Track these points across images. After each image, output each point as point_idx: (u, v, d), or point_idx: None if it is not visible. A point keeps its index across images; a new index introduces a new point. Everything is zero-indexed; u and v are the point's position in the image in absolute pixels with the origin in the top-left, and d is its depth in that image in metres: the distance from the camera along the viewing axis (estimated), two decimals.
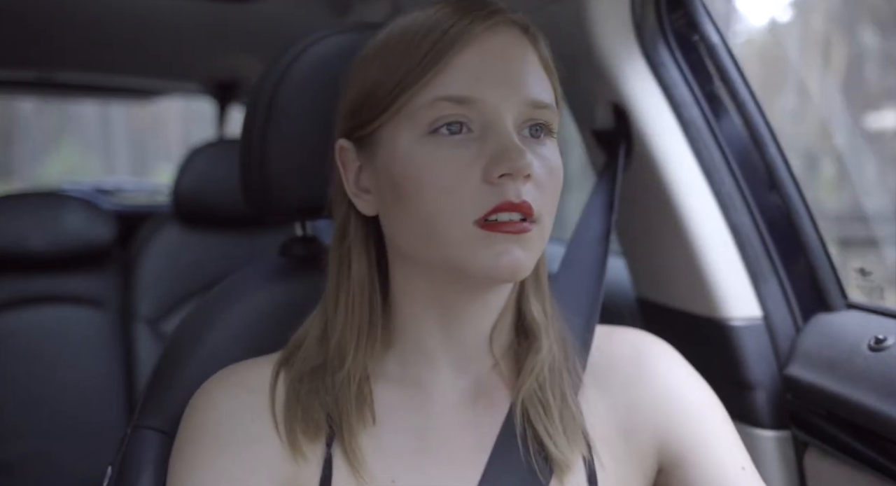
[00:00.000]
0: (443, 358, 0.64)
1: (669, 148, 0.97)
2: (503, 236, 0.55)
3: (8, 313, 1.78)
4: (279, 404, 0.62)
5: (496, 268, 0.56)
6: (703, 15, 0.98)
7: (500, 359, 0.66)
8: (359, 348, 0.62)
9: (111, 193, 3.31)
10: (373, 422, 0.62)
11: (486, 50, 0.57)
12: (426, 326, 0.63)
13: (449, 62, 0.56)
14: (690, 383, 0.69)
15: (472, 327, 0.64)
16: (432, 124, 0.56)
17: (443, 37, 0.56)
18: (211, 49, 2.18)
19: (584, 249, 0.85)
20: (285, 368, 0.64)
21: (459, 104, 0.56)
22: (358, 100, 0.60)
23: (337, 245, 0.64)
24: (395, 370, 0.65)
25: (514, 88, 0.57)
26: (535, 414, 0.63)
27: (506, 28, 0.59)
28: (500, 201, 0.55)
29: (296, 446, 0.60)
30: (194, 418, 0.62)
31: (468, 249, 0.56)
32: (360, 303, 0.62)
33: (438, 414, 0.64)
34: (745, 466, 0.64)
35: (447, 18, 0.57)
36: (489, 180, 0.55)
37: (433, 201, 0.56)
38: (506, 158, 0.54)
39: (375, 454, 0.61)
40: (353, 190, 0.62)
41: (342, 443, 0.60)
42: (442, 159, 0.56)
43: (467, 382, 0.65)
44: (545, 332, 0.66)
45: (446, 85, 0.56)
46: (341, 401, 0.61)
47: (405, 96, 0.57)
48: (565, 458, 0.61)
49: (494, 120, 0.56)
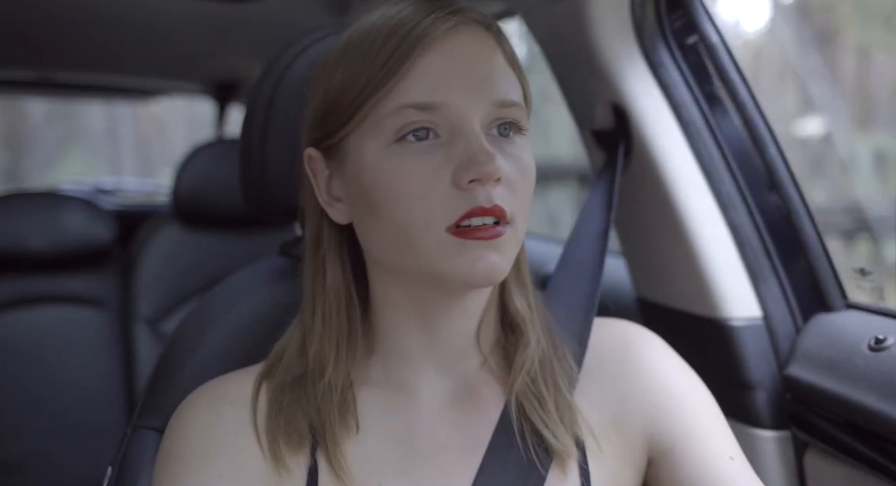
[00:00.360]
0: (426, 361, 0.64)
1: (669, 148, 0.97)
2: (477, 243, 0.55)
3: (8, 313, 1.78)
4: (261, 415, 0.61)
5: (472, 274, 0.55)
6: (702, 15, 0.98)
7: (488, 356, 0.66)
8: (339, 358, 0.61)
9: (111, 193, 3.31)
10: (356, 430, 0.61)
11: (448, 52, 0.56)
12: (408, 331, 0.63)
13: (411, 67, 0.55)
14: (679, 374, 0.68)
15: (454, 329, 0.63)
16: (398, 132, 0.55)
17: (404, 41, 0.55)
18: (211, 49, 2.17)
19: (583, 248, 0.85)
20: (267, 379, 0.63)
21: (425, 110, 0.55)
22: (322, 108, 0.59)
23: (311, 255, 0.63)
24: (378, 375, 0.64)
25: (480, 90, 0.56)
26: (531, 408, 0.63)
27: (468, 28, 0.58)
28: (471, 207, 0.54)
29: (278, 458, 0.59)
30: (177, 431, 0.62)
31: (442, 256, 0.55)
32: (336, 313, 0.62)
33: (425, 417, 0.63)
34: (733, 455, 0.63)
35: (407, 20, 0.56)
36: (459, 186, 0.54)
37: (404, 209, 0.55)
38: (474, 163, 0.53)
39: (361, 461, 0.60)
40: (325, 199, 0.62)
41: (326, 452, 0.60)
42: (410, 167, 0.55)
43: (453, 383, 0.65)
44: (531, 325, 0.65)
45: (410, 91, 0.55)
46: (324, 410, 0.60)
47: (369, 104, 0.56)
48: (565, 448, 0.61)
49: (461, 124, 0.55)
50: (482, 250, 0.55)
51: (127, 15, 1.78)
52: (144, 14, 1.76)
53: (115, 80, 2.73)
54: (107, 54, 2.25)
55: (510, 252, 0.57)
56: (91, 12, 1.75)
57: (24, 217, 1.79)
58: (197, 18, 1.80)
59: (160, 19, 1.80)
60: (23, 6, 1.66)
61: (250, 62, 2.27)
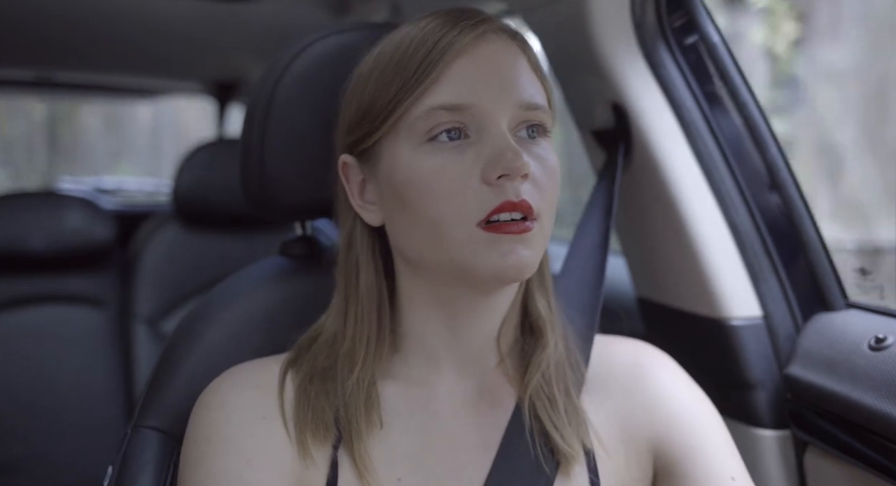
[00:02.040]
0: (448, 360, 0.65)
1: (669, 148, 0.97)
2: (507, 237, 0.57)
3: (8, 313, 1.78)
4: (288, 403, 0.62)
5: (502, 268, 0.57)
6: (702, 15, 0.98)
7: (505, 356, 0.67)
8: (368, 356, 0.63)
9: (111, 193, 3.31)
10: (380, 426, 0.62)
11: (476, 58, 0.59)
12: (433, 330, 0.64)
13: (442, 72, 0.58)
14: (686, 392, 0.69)
15: (479, 328, 0.65)
16: (430, 132, 0.58)
17: (434, 48, 0.58)
18: (211, 49, 2.17)
19: (585, 249, 0.85)
20: (293, 368, 0.64)
21: (454, 111, 0.58)
22: (357, 115, 0.62)
23: (344, 256, 0.65)
24: (401, 372, 0.65)
25: (507, 92, 0.59)
26: (542, 408, 0.64)
27: (494, 36, 0.61)
28: (501, 202, 0.56)
29: (304, 447, 0.60)
30: (203, 417, 0.62)
31: (473, 251, 0.57)
32: (369, 312, 0.64)
33: (443, 414, 0.64)
34: (735, 476, 0.64)
35: (437, 30, 0.59)
36: (488, 182, 0.57)
37: (436, 206, 0.57)
38: (502, 159, 0.56)
39: (382, 456, 0.61)
40: (359, 203, 0.64)
41: (350, 448, 0.61)
42: (442, 165, 0.57)
43: (472, 382, 0.66)
44: (551, 328, 0.67)
45: (440, 94, 0.58)
46: (350, 407, 0.61)
47: (402, 107, 0.58)
48: (572, 450, 0.62)
49: (489, 124, 0.58)
50: (512, 243, 0.57)
51: (127, 15, 1.78)
52: (144, 14, 1.76)
53: (115, 79, 2.73)
54: (107, 54, 2.25)
55: (538, 248, 0.59)
56: (91, 12, 1.75)
57: (24, 217, 1.79)
58: (197, 18, 1.80)
59: (160, 19, 1.80)
60: (23, 6, 1.66)
61: (250, 62, 2.27)
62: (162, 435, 0.71)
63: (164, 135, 5.79)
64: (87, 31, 1.94)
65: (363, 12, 1.56)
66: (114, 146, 5.86)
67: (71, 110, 5.38)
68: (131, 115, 5.36)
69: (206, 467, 0.59)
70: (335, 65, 0.72)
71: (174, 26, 1.88)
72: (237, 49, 2.16)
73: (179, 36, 1.99)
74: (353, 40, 0.74)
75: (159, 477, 0.68)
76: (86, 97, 3.71)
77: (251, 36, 1.96)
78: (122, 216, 2.06)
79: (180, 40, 2.05)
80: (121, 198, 3.18)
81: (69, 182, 3.85)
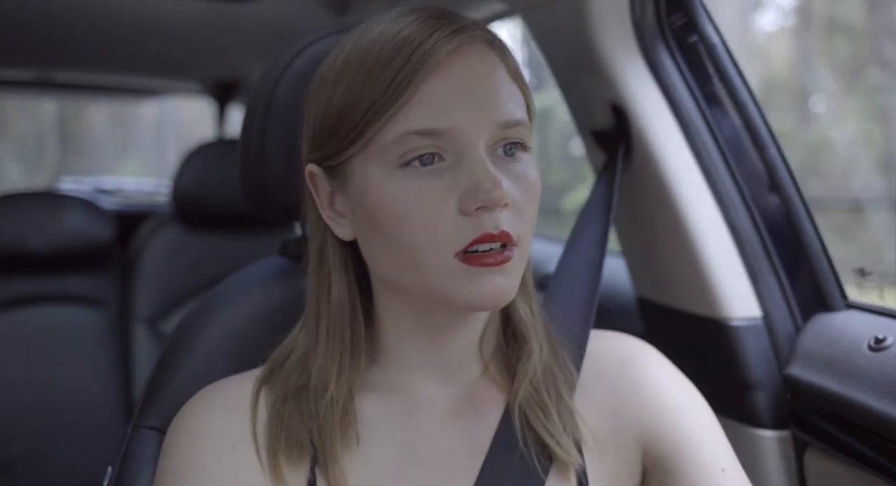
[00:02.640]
0: (430, 371, 0.64)
1: (669, 148, 0.97)
2: (485, 269, 0.54)
3: (8, 313, 1.78)
4: (260, 425, 0.61)
5: (480, 299, 0.55)
6: (702, 15, 0.98)
7: (489, 362, 0.66)
8: (342, 372, 0.61)
9: (111, 193, 3.31)
10: (357, 443, 0.61)
11: (451, 75, 0.55)
12: (411, 343, 0.63)
13: (415, 92, 0.54)
14: (674, 385, 0.68)
15: (459, 340, 0.63)
16: (403, 157, 0.54)
17: (406, 63, 0.54)
18: (211, 49, 2.18)
19: (582, 249, 0.85)
20: (266, 386, 0.63)
21: (428, 136, 0.54)
22: (324, 128, 0.58)
23: (316, 270, 0.62)
24: (380, 383, 0.64)
25: (484, 112, 0.55)
26: (535, 418, 0.62)
27: (471, 48, 0.56)
28: (479, 234, 0.54)
29: (278, 473, 0.59)
30: (175, 444, 0.61)
31: (450, 280, 0.55)
32: (341, 328, 0.61)
33: (426, 424, 0.63)
34: (725, 468, 0.63)
35: (409, 40, 0.55)
36: (466, 212, 0.54)
37: (412, 235, 0.55)
38: (481, 191, 0.53)
39: (361, 471, 0.60)
40: (329, 214, 0.61)
41: (325, 469, 0.59)
42: (416, 192, 0.54)
43: (455, 390, 0.65)
44: (534, 332, 0.65)
45: (414, 117, 0.54)
46: (325, 427, 0.59)
47: (372, 129, 0.55)
48: (569, 455, 0.62)
49: (466, 148, 0.55)
50: (490, 275, 0.55)
51: (127, 15, 1.78)
52: (144, 14, 1.76)
53: (114, 79, 2.73)
54: (107, 54, 2.25)
55: (517, 274, 0.57)
56: (91, 12, 1.75)
57: (24, 217, 1.79)
58: (197, 18, 1.80)
59: (160, 19, 1.80)
60: (23, 6, 1.67)
61: (250, 62, 2.27)
62: (162, 435, 0.71)
63: (168, 131, 5.94)
64: (87, 32, 1.94)
65: (363, 12, 1.56)
66: (120, 142, 6.05)
67: (80, 108, 5.54)
68: (136, 111, 5.52)
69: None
70: None
71: (174, 26, 1.88)
72: (237, 49, 2.16)
73: (179, 36, 1.99)
74: None
75: None
76: (86, 97, 3.71)
77: (251, 36, 1.96)
78: (122, 216, 2.06)
79: (180, 40, 2.05)
80: (121, 198, 3.18)
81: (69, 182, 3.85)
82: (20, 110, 5.24)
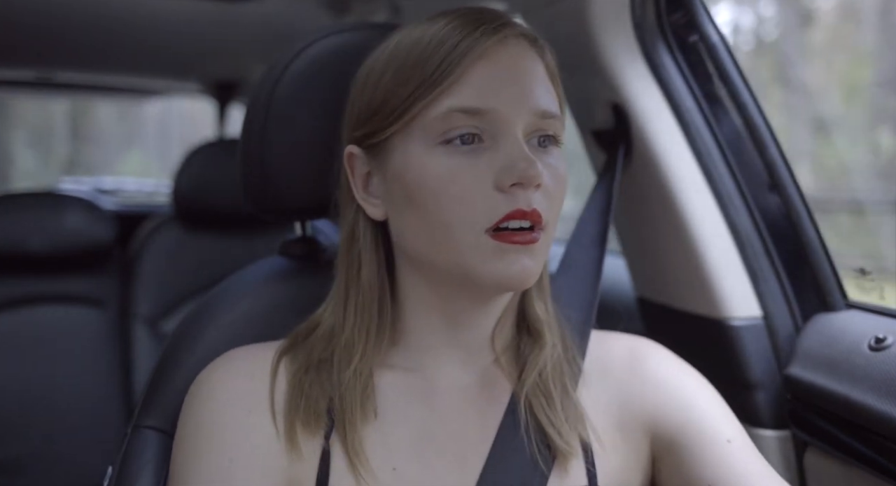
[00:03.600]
0: (448, 355, 0.66)
1: (669, 148, 0.97)
2: (513, 247, 0.57)
3: (8, 313, 1.78)
4: (279, 393, 0.62)
5: (507, 277, 0.57)
6: (702, 15, 0.98)
7: (500, 355, 0.67)
8: (367, 348, 0.63)
9: (111, 193, 3.31)
10: (374, 417, 0.62)
11: (496, 63, 0.58)
12: (431, 325, 0.65)
13: (461, 74, 0.57)
14: (677, 372, 0.70)
15: (475, 329, 0.65)
16: (445, 134, 0.57)
17: (454, 49, 0.57)
18: (211, 49, 2.18)
19: (583, 249, 0.85)
20: (287, 357, 0.64)
21: (472, 115, 0.57)
22: (369, 109, 0.61)
23: (346, 248, 0.65)
24: (399, 363, 0.66)
25: (524, 99, 0.58)
26: (538, 405, 0.64)
27: (515, 41, 0.60)
28: (512, 209, 0.56)
29: (293, 440, 0.60)
30: (192, 409, 0.62)
31: (479, 257, 0.57)
32: (370, 305, 0.63)
33: (442, 405, 0.65)
34: (731, 438, 0.64)
35: (457, 31, 0.58)
36: (501, 189, 0.57)
37: (447, 210, 0.57)
38: (518, 168, 0.56)
39: (376, 446, 0.61)
40: (362, 195, 0.64)
41: (343, 438, 0.60)
42: (455, 169, 0.57)
43: (472, 375, 0.66)
44: (549, 329, 0.67)
45: (459, 97, 0.57)
46: (346, 397, 0.61)
47: (418, 106, 0.58)
48: (568, 446, 0.63)
49: (505, 130, 0.58)
50: (518, 253, 0.57)
51: (127, 15, 1.78)
52: (145, 14, 1.76)
53: (115, 80, 2.73)
54: (107, 54, 2.25)
55: (542, 257, 0.59)
56: (91, 12, 1.76)
57: (24, 217, 1.79)
58: (197, 18, 1.80)
59: (160, 19, 1.80)
60: (23, 6, 1.67)
61: (250, 62, 2.28)
62: (162, 435, 0.71)
63: (172, 126, 6.14)
64: (88, 32, 1.94)
65: (363, 12, 1.57)
66: (126, 137, 6.29)
67: (89, 105, 5.75)
68: (140, 108, 5.76)
69: (193, 465, 0.59)
70: (335, 65, 0.72)
71: (175, 26, 1.88)
72: (237, 49, 2.16)
73: (180, 36, 1.99)
74: (353, 40, 0.73)
75: (159, 477, 0.68)
76: (86, 97, 3.72)
77: (251, 36, 1.96)
78: (122, 216, 2.06)
79: (180, 40, 2.05)
80: (121, 198, 3.19)
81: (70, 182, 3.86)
82: (33, 103, 5.43)
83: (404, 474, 0.61)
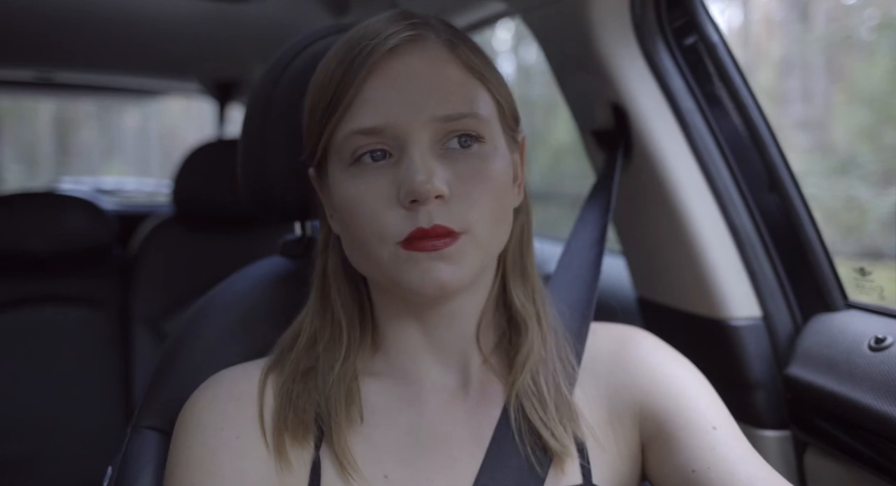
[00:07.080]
0: (428, 359, 0.66)
1: (669, 148, 0.97)
2: (425, 255, 0.57)
3: (8, 313, 1.78)
4: (267, 409, 0.62)
5: (422, 286, 0.57)
6: (702, 15, 0.98)
7: (488, 355, 0.67)
8: (348, 354, 0.64)
9: (111, 193, 3.31)
10: (360, 421, 0.62)
11: (389, 75, 0.58)
12: (406, 333, 0.65)
13: (355, 95, 0.58)
14: (668, 361, 0.69)
15: (452, 331, 0.65)
16: (353, 155, 0.59)
17: (350, 67, 0.58)
18: (211, 49, 2.17)
19: (581, 248, 0.85)
20: (274, 372, 0.64)
21: (371, 135, 0.58)
22: (305, 134, 0.64)
23: (321, 259, 0.67)
24: (384, 368, 0.66)
25: (423, 108, 0.57)
26: (531, 407, 0.64)
27: (412, 46, 0.59)
28: (413, 229, 0.56)
29: (282, 454, 0.60)
30: (181, 434, 0.62)
31: (397, 268, 0.58)
32: (348, 315, 0.65)
33: (431, 410, 0.64)
34: (717, 425, 0.63)
35: (355, 44, 0.59)
36: (403, 206, 0.57)
37: (361, 228, 0.58)
38: (412, 184, 0.55)
39: (366, 453, 0.61)
40: (329, 211, 0.66)
41: (331, 444, 0.60)
42: (364, 188, 0.58)
43: (458, 378, 0.66)
44: (535, 323, 0.66)
45: (357, 118, 0.58)
46: (331, 400, 0.62)
47: (327, 132, 0.60)
48: (563, 447, 0.62)
49: (407, 143, 0.57)
50: (432, 261, 0.57)
51: (127, 15, 1.78)
52: (144, 14, 1.76)
53: (115, 80, 2.73)
54: (107, 54, 2.25)
55: (467, 261, 0.58)
56: (91, 12, 1.75)
57: (24, 217, 1.79)
58: (197, 18, 1.80)
59: (160, 19, 1.80)
60: (23, 6, 1.67)
61: (250, 62, 2.28)
62: (162, 435, 0.71)
63: (151, 137, 6.44)
64: (87, 32, 1.94)
65: (363, 12, 1.56)
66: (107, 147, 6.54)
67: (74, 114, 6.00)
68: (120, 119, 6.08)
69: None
70: None
71: (174, 26, 1.88)
72: (237, 49, 2.16)
73: (179, 36, 1.99)
74: None
75: (159, 477, 0.68)
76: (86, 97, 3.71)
77: (251, 36, 1.96)
78: (122, 216, 2.06)
79: (180, 40, 2.04)
80: (121, 198, 3.18)
81: (69, 182, 3.85)
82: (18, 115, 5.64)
83: (395, 480, 0.61)
